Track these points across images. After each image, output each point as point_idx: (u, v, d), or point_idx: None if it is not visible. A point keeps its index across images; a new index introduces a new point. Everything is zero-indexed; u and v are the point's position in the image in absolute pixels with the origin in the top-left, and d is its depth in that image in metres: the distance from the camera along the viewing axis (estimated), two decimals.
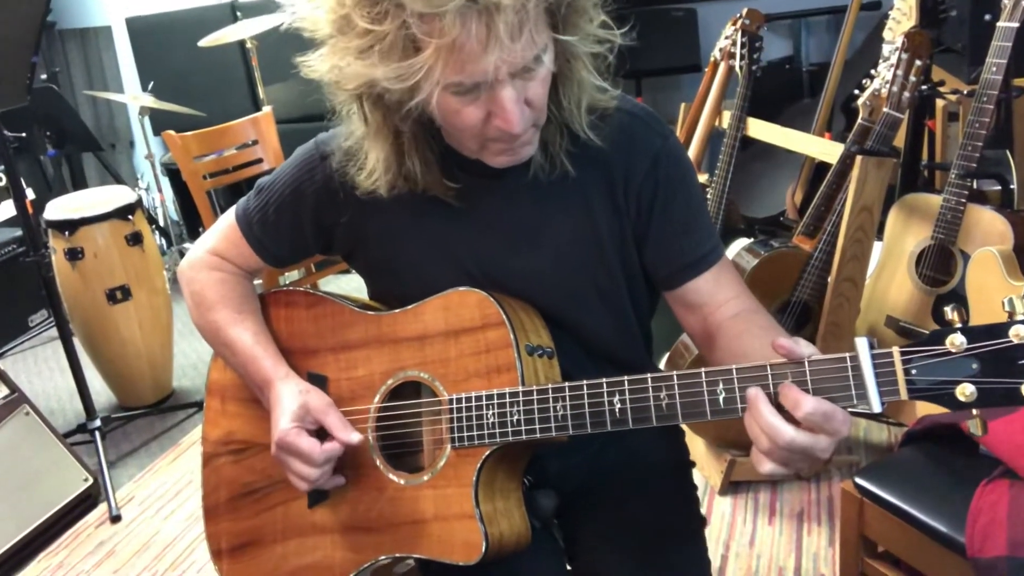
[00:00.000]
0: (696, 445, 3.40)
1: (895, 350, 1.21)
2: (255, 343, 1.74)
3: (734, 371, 1.31)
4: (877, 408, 1.21)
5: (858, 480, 2.22)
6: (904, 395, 1.20)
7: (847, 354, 1.23)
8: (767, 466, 1.28)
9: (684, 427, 2.02)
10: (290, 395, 1.65)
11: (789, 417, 1.25)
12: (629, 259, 1.68)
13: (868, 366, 1.21)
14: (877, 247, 3.13)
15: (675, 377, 1.35)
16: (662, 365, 3.37)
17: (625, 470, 1.82)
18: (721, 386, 1.31)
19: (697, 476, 3.34)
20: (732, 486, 3.35)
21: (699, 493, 1.84)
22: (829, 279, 3.04)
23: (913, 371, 1.20)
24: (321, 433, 1.64)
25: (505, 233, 1.64)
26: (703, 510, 3.14)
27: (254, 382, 1.74)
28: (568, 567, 1.78)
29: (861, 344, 1.22)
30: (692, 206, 1.65)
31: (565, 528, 1.82)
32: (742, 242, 3.28)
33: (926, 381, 1.19)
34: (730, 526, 3.15)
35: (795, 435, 1.24)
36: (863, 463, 3.41)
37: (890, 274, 3.18)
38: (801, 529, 3.10)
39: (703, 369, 1.33)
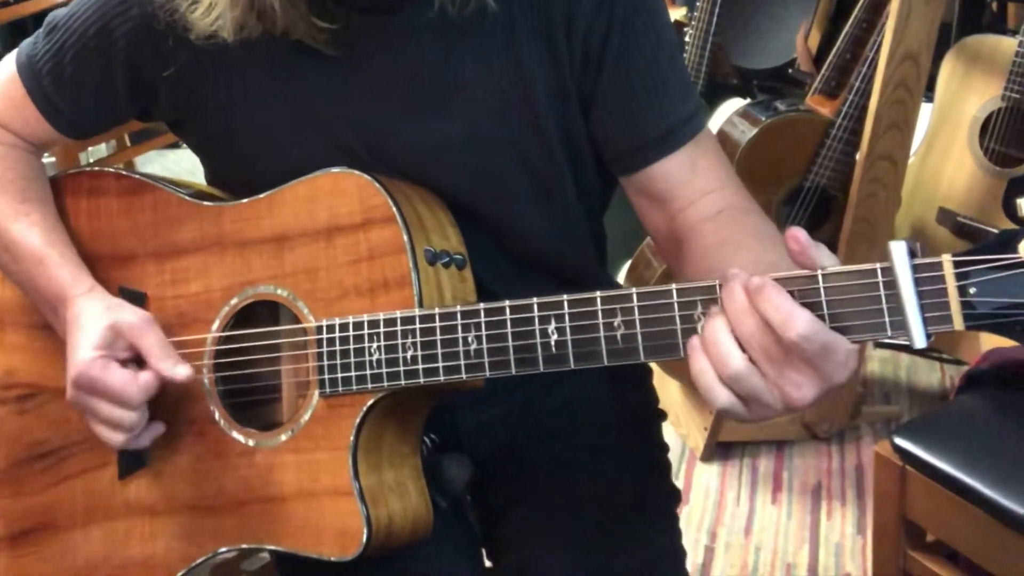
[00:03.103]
0: (669, 390, 3.46)
1: (945, 259, 1.18)
2: (46, 244, 1.71)
3: (718, 287, 1.28)
4: (920, 342, 1.19)
5: (899, 441, 2.24)
6: (959, 324, 1.18)
7: (878, 264, 1.21)
8: (724, 397, 1.24)
9: (652, 365, 2.00)
10: (94, 314, 1.63)
11: None
12: (573, 130, 1.67)
13: (907, 282, 1.18)
14: (925, 111, 3.13)
15: (635, 296, 1.33)
16: (620, 278, 3.39)
17: (565, 426, 1.83)
18: (700, 309, 1.29)
19: (671, 434, 3.37)
20: (720, 449, 3.40)
21: (673, 457, 1.83)
22: (857, 156, 3.08)
23: (972, 289, 1.17)
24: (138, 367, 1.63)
25: (398, 92, 1.62)
26: (678, 482, 3.17)
27: (44, 299, 1.71)
28: (487, 563, 1.80)
29: (897, 250, 1.19)
30: (659, 56, 1.64)
31: (482, 508, 1.83)
32: (734, 104, 3.34)
33: (990, 304, 1.17)
34: (717, 506, 3.20)
35: (816, 323, 1.19)
36: (905, 416, 3.46)
37: (944, 150, 3.21)
38: (818, 510, 3.15)
39: (674, 285, 1.31)
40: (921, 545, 2.32)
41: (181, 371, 1.59)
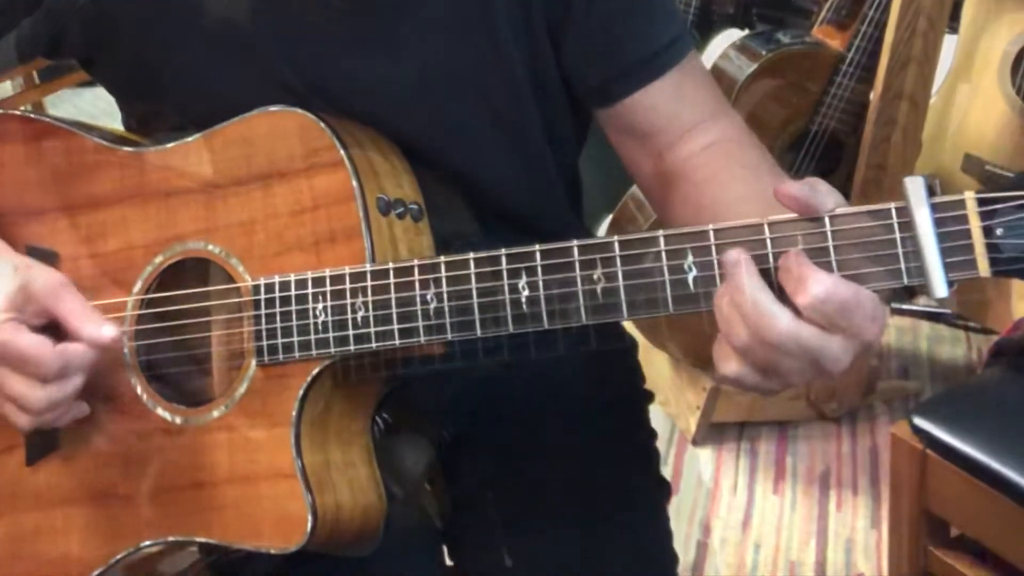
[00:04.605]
0: (657, 364, 3.46)
1: (968, 196, 1.19)
2: None
3: (711, 233, 1.28)
4: (941, 290, 1.19)
5: (918, 421, 2.25)
6: (984, 269, 1.18)
7: (891, 204, 1.22)
8: (734, 367, 1.25)
9: (636, 334, 2.01)
10: (1, 273, 1.59)
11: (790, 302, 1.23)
12: (540, 62, 1.66)
13: (926, 222, 1.19)
14: (949, 43, 3.13)
15: (616, 245, 1.33)
16: (602, 233, 3.37)
17: (537, 407, 1.83)
18: (691, 258, 1.29)
19: (658, 415, 3.37)
20: (714, 431, 3.41)
21: (661, 442, 1.83)
22: (871, 96, 3.09)
23: (998, 230, 1.17)
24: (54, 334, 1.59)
25: (343, 21, 1.61)
26: (667, 469, 3.17)
27: None
28: (448, 561, 1.82)
29: (913, 186, 1.19)
30: None
31: (442, 498, 1.83)
32: (730, 36, 3.33)
33: (1019, 246, 1.17)
34: (711, 496, 3.20)
35: (794, 327, 1.20)
36: (926, 393, 3.47)
37: (971, 88, 3.21)
38: (826, 501, 3.16)
39: (661, 232, 1.31)
40: (944, 540, 2.32)
41: (107, 330, 1.53)
